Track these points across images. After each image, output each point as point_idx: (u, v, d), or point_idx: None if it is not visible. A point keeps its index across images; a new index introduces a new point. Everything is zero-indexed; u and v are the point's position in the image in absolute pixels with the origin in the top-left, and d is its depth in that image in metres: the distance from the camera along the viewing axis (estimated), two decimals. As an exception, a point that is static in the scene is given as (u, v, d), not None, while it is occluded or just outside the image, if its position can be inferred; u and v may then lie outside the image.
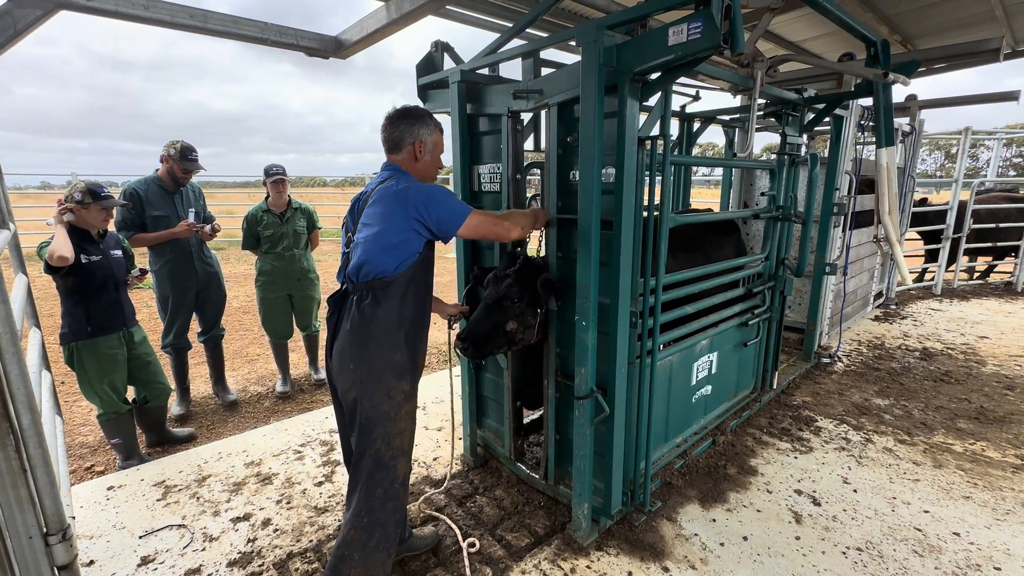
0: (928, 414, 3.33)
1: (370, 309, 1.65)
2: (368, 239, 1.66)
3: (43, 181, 23.63)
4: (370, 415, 1.67)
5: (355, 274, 1.69)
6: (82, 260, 2.53)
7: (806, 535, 2.21)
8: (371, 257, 1.65)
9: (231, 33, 1.94)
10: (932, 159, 48.15)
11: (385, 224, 1.65)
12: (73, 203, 2.53)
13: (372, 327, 1.65)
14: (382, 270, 1.65)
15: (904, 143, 5.20)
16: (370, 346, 1.65)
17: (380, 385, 1.66)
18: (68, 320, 2.57)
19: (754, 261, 3.06)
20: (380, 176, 1.81)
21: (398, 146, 1.78)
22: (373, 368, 1.65)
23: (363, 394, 1.66)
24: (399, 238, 1.65)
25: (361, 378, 1.65)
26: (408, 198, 1.65)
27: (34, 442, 1.31)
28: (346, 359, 1.67)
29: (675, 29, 1.52)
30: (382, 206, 1.67)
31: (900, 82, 2.44)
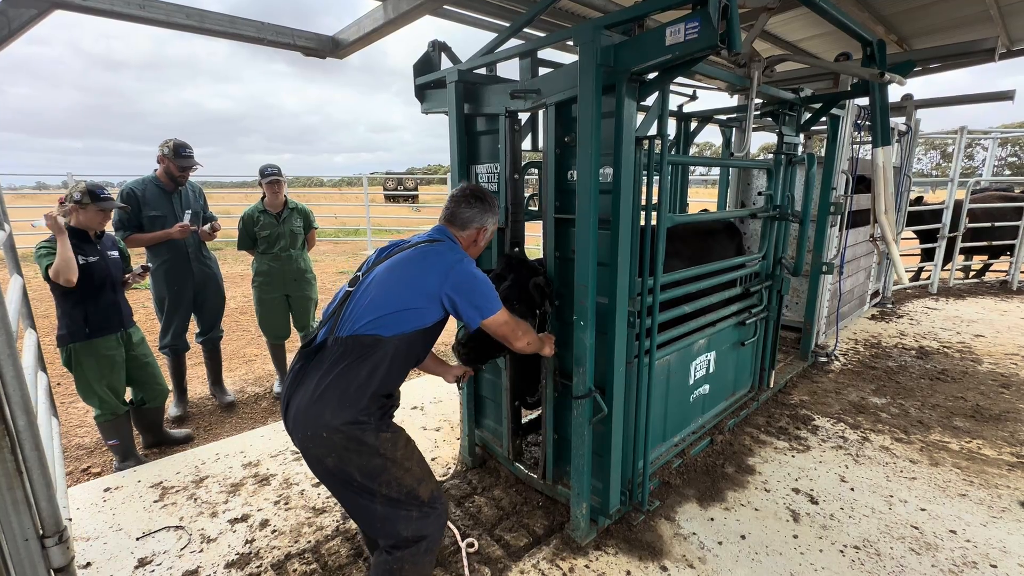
0: (924, 412, 3.35)
1: (353, 367, 1.49)
2: (387, 292, 1.55)
3: (39, 181, 23.58)
4: (365, 473, 1.50)
5: (351, 325, 1.53)
6: (79, 261, 2.51)
7: (804, 533, 2.21)
8: (379, 312, 1.52)
9: (228, 33, 1.93)
10: (928, 159, 48.38)
11: (413, 284, 1.56)
12: (72, 203, 2.52)
13: (351, 390, 1.48)
14: (382, 328, 1.52)
15: (900, 143, 5.22)
16: (345, 412, 1.47)
17: (363, 447, 1.49)
18: (65, 322, 2.55)
19: (751, 260, 3.07)
20: (428, 235, 1.74)
21: (464, 224, 1.74)
22: (355, 437, 1.48)
23: (344, 458, 1.48)
24: (419, 303, 1.55)
25: (338, 444, 1.47)
26: (452, 272, 1.57)
27: (30, 444, 1.30)
28: (317, 426, 1.46)
29: (672, 29, 1.53)
30: (420, 265, 1.59)
31: (896, 82, 2.44)
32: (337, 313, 1.58)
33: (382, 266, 1.63)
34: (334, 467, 1.50)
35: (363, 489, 1.51)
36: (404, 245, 1.71)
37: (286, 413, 1.55)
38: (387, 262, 1.63)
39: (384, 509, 1.53)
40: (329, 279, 8.39)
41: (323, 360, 1.52)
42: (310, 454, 1.51)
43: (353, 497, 1.54)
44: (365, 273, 1.64)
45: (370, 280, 1.60)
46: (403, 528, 1.54)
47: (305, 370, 1.54)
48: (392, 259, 1.63)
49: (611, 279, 1.95)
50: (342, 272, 9.08)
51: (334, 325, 1.56)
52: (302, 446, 1.52)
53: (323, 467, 1.51)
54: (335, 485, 1.55)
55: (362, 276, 1.64)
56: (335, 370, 1.49)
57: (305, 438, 1.49)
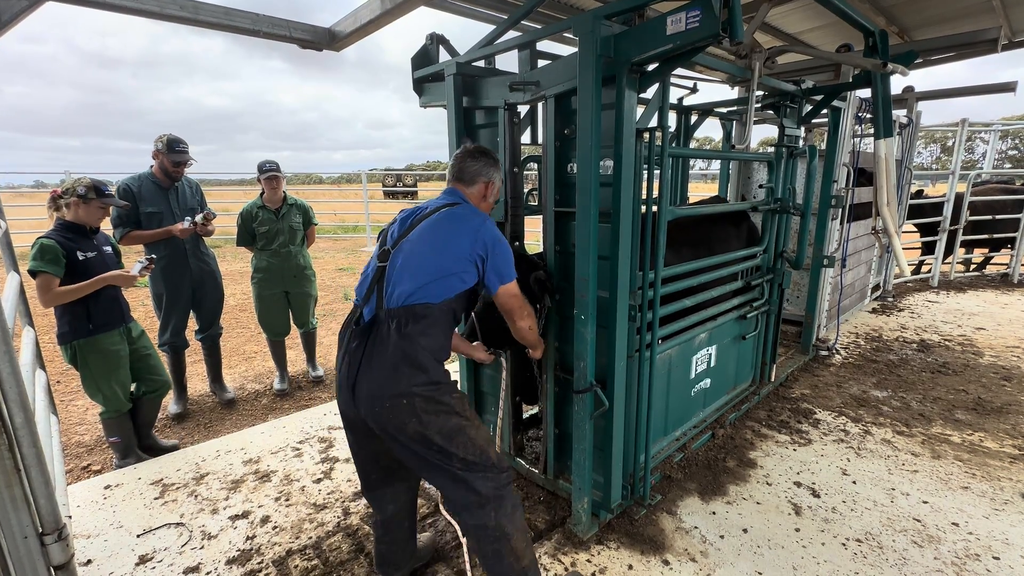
0: (926, 405, 3.34)
1: (415, 336, 1.53)
2: (423, 260, 1.58)
3: (36, 180, 23.52)
4: (444, 434, 1.55)
5: (398, 296, 1.56)
6: (79, 257, 2.50)
7: (806, 527, 2.21)
8: (422, 281, 1.56)
9: (223, 25, 1.91)
10: (928, 152, 48.23)
11: (447, 249, 1.59)
12: (75, 197, 2.50)
13: (420, 356, 1.54)
14: (430, 295, 1.56)
15: (902, 135, 5.20)
16: (420, 376, 1.54)
17: (438, 408, 1.55)
18: (67, 318, 2.53)
19: (753, 254, 3.06)
20: (443, 199, 1.75)
21: (473, 179, 1.77)
22: (433, 399, 1.55)
23: (425, 421, 1.53)
24: (458, 267, 1.59)
25: (419, 408, 1.52)
26: (480, 232, 1.62)
27: (28, 441, 1.29)
28: (397, 394, 1.51)
29: (673, 18, 1.51)
30: (448, 229, 1.61)
31: (899, 72, 2.42)
32: (377, 287, 1.62)
33: (412, 235, 1.63)
34: (414, 433, 1.53)
35: (441, 452, 1.55)
36: (423, 212, 1.70)
37: (353, 392, 1.57)
38: (415, 232, 1.64)
39: (462, 473, 1.56)
40: (328, 276, 8.37)
41: (381, 333, 1.55)
42: (391, 424, 1.53)
43: (430, 463, 1.57)
44: (395, 245, 1.64)
45: (404, 251, 1.62)
46: (481, 486, 1.57)
47: (365, 347, 1.56)
48: (419, 228, 1.64)
49: (612, 273, 1.94)
50: (342, 269, 9.06)
51: (379, 299, 1.59)
52: (380, 420, 1.54)
53: (404, 435, 1.53)
54: (414, 452, 1.56)
55: (392, 249, 1.64)
56: (399, 339, 1.53)
57: (384, 410, 1.52)
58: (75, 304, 2.51)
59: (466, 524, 1.62)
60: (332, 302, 6.68)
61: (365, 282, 1.69)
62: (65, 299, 2.47)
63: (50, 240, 2.44)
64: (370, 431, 1.65)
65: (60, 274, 2.44)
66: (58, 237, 2.47)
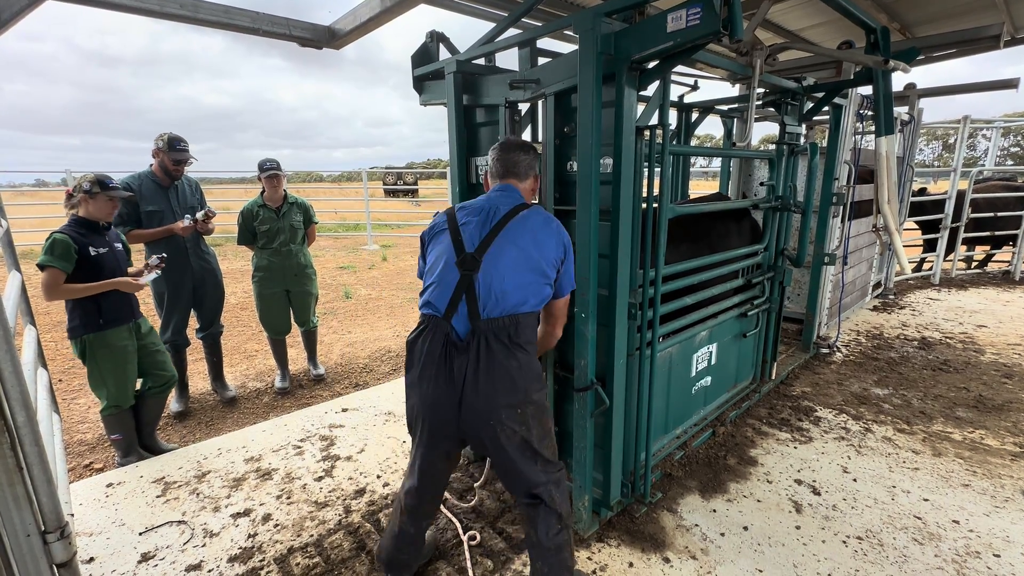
0: (927, 403, 3.34)
1: (524, 344, 1.56)
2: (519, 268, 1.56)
3: (38, 179, 23.55)
4: (539, 438, 1.62)
5: (502, 306, 1.54)
6: (90, 253, 2.53)
7: (806, 524, 2.21)
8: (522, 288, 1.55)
9: (222, 23, 1.90)
10: (930, 149, 48.11)
11: (542, 255, 1.59)
12: (82, 193, 2.53)
13: (533, 363, 1.59)
14: (530, 303, 1.57)
15: (903, 132, 5.18)
16: (535, 384, 1.59)
17: (542, 413, 1.63)
18: (78, 313, 2.56)
19: (754, 251, 3.05)
20: (507, 198, 1.69)
21: (526, 173, 1.75)
22: (540, 404, 1.62)
23: (531, 427, 1.59)
24: (551, 272, 1.62)
25: (529, 415, 1.58)
26: (562, 235, 1.65)
27: (29, 440, 1.29)
28: (513, 403, 1.54)
29: (674, 15, 1.50)
30: (539, 234, 1.61)
31: (901, 69, 2.42)
32: (467, 297, 1.55)
33: (501, 241, 1.59)
34: (520, 441, 1.57)
35: (533, 455, 1.60)
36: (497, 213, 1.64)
37: (459, 409, 1.55)
38: (503, 237, 1.59)
39: (543, 473, 1.63)
40: (329, 274, 8.38)
41: (486, 345, 1.52)
42: (503, 435, 1.55)
43: (519, 465, 1.60)
44: (479, 251, 1.58)
45: (496, 258, 1.56)
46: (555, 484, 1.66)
47: (469, 362, 1.52)
48: (507, 233, 1.59)
49: (611, 271, 1.94)
50: (342, 267, 9.07)
51: (472, 309, 1.54)
52: (491, 432, 1.54)
53: (511, 444, 1.56)
54: (509, 458, 1.59)
55: (478, 256, 1.57)
56: (513, 350, 1.53)
57: (498, 422, 1.53)
58: (86, 299, 2.55)
59: (535, 514, 1.65)
60: (332, 300, 6.69)
61: (446, 292, 1.58)
62: (69, 296, 2.49)
63: (63, 235, 2.47)
64: (459, 442, 1.67)
65: (68, 270, 2.46)
66: (71, 232, 2.51)
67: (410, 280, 7.99)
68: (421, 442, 1.68)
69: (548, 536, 1.64)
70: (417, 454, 1.72)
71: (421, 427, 1.66)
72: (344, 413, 3.34)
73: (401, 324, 5.65)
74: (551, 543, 1.64)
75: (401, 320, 5.81)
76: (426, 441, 1.67)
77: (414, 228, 13.55)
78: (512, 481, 1.67)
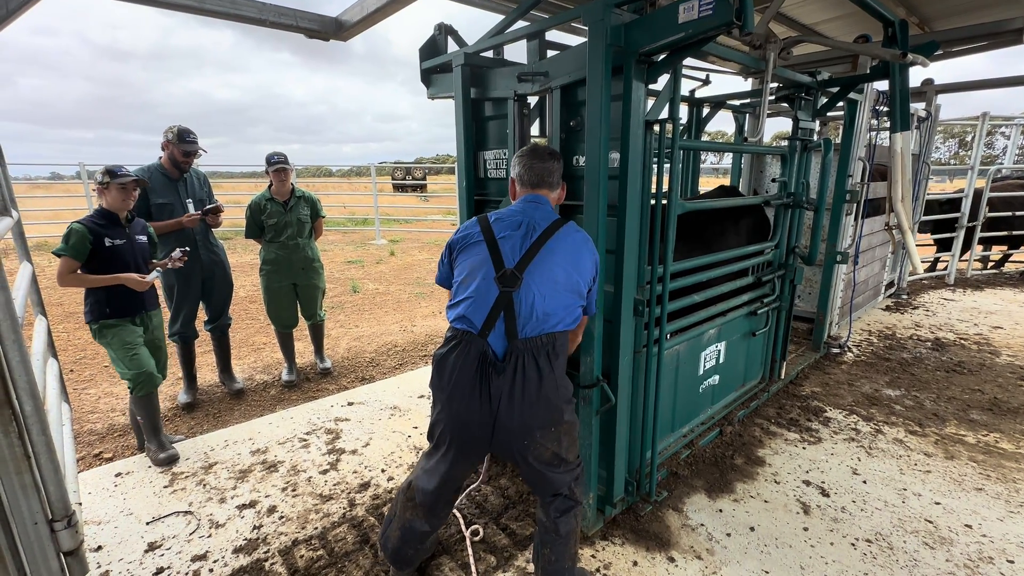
0: (940, 405, 3.28)
1: (560, 364, 1.57)
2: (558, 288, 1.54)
3: (52, 172, 23.88)
4: (567, 446, 1.64)
5: (542, 326, 1.52)
6: (106, 243, 2.56)
7: (814, 526, 2.18)
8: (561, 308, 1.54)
9: (228, 14, 1.89)
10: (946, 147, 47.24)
11: (579, 275, 1.59)
12: (98, 185, 2.58)
13: (567, 382, 1.62)
14: (567, 322, 1.57)
15: (919, 129, 5.08)
16: (569, 404, 1.62)
17: (573, 427, 1.67)
18: (90, 301, 2.61)
19: (764, 249, 3.01)
20: (542, 210, 1.64)
21: (557, 183, 1.73)
22: (572, 420, 1.65)
23: (563, 441, 1.62)
24: (584, 291, 1.62)
25: (563, 432, 1.61)
26: (595, 255, 1.65)
27: (37, 429, 1.30)
28: (549, 422, 1.56)
29: (686, 6, 1.47)
30: (577, 253, 1.60)
31: (919, 63, 2.36)
32: (506, 315, 1.50)
33: (542, 259, 1.54)
34: (551, 456, 1.59)
35: (559, 463, 1.63)
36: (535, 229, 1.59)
37: (492, 428, 1.54)
38: (544, 254, 1.55)
39: (565, 474, 1.65)
40: (337, 268, 8.41)
41: (523, 366, 1.50)
42: (535, 452, 1.57)
43: (547, 470, 1.62)
44: (520, 268, 1.53)
45: (538, 276, 1.52)
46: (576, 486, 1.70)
47: (505, 382, 1.50)
48: (548, 250, 1.55)
49: (617, 267, 1.91)
50: (350, 261, 9.10)
51: (510, 328, 1.50)
52: (524, 450, 1.56)
53: (542, 460, 1.59)
54: (538, 468, 1.61)
55: (518, 272, 1.52)
56: (550, 371, 1.53)
57: (533, 441, 1.55)
58: (97, 289, 2.60)
59: (553, 519, 1.67)
60: (340, 294, 6.71)
61: (483, 308, 1.52)
62: (79, 285, 2.55)
63: (80, 225, 2.52)
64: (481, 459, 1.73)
65: (80, 259, 2.52)
66: (89, 223, 2.56)
67: (417, 275, 8.00)
68: (446, 457, 1.66)
69: (561, 524, 1.67)
70: (441, 463, 1.67)
71: (449, 442, 1.64)
72: (350, 407, 3.35)
73: (408, 319, 5.66)
74: (563, 530, 1.67)
75: (408, 315, 5.82)
76: (452, 457, 1.65)
77: (422, 224, 13.55)
78: (537, 486, 1.69)
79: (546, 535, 1.71)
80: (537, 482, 1.67)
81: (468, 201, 2.51)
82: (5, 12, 1.21)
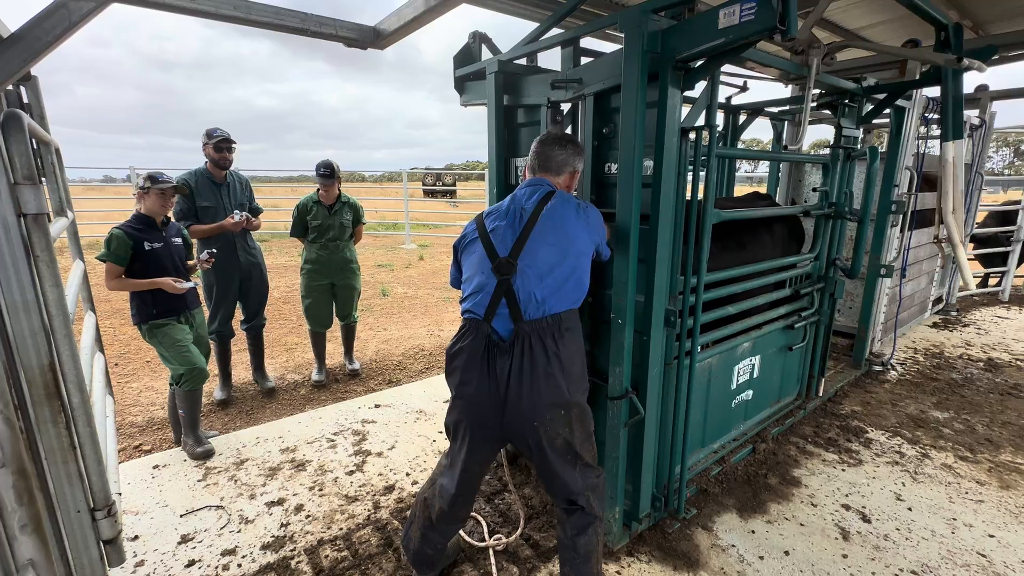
0: (994, 430, 3.08)
1: (568, 344, 1.56)
2: (553, 266, 1.55)
3: (105, 175, 25.24)
4: (580, 440, 1.63)
5: (540, 307, 1.54)
6: (145, 247, 2.68)
7: (854, 553, 2.07)
8: (558, 287, 1.55)
9: (273, 24, 1.97)
10: (999, 156, 44.81)
11: (572, 248, 1.58)
12: (139, 190, 2.71)
13: (576, 364, 1.59)
14: (569, 300, 1.57)
15: (973, 137, 4.83)
16: (578, 385, 1.60)
17: (585, 416, 1.65)
18: (136, 303, 2.73)
19: (803, 261, 2.90)
20: (535, 191, 1.67)
21: (560, 168, 1.72)
22: (583, 406, 1.63)
23: (574, 429, 1.60)
24: (585, 263, 1.61)
25: (573, 417, 1.59)
26: (588, 220, 1.65)
27: (83, 420, 1.36)
28: (557, 405, 1.55)
29: (726, 11, 1.44)
30: (565, 227, 1.59)
31: (976, 68, 2.24)
32: (508, 300, 1.55)
33: (531, 242, 1.57)
34: (562, 444, 1.58)
35: (574, 458, 1.61)
36: (525, 212, 1.63)
37: (503, 409, 1.55)
38: (533, 237, 1.57)
39: (581, 477, 1.63)
40: (368, 272, 8.56)
41: (531, 347, 1.52)
42: (545, 436, 1.56)
43: (558, 467, 1.60)
44: (512, 254, 1.57)
45: (529, 259, 1.56)
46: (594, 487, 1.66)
47: (512, 363, 1.52)
48: (536, 232, 1.58)
49: (648, 277, 1.87)
50: (381, 265, 9.25)
51: (514, 312, 1.54)
52: (535, 433, 1.55)
53: (552, 446, 1.57)
54: (549, 460, 1.60)
55: (512, 259, 1.57)
56: (556, 350, 1.53)
57: (543, 422, 1.54)
58: (141, 292, 2.71)
59: (571, 536, 1.64)
60: (369, 297, 6.83)
61: (485, 298, 1.58)
62: (124, 289, 2.67)
63: (119, 231, 2.64)
64: (500, 445, 1.68)
65: (123, 264, 2.63)
66: (128, 228, 2.67)
67: (444, 280, 8.07)
68: (463, 445, 1.67)
69: (581, 541, 1.63)
70: (458, 457, 1.70)
71: (464, 429, 1.65)
72: (377, 409, 3.39)
73: (435, 323, 5.70)
74: (583, 548, 1.63)
75: (435, 319, 5.86)
76: (468, 444, 1.66)
77: (451, 229, 13.70)
78: (552, 483, 1.66)
79: (565, 553, 1.66)
80: (549, 475, 1.63)
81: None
82: (68, 24, 1.28)
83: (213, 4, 1.80)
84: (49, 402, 1.25)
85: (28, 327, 1.20)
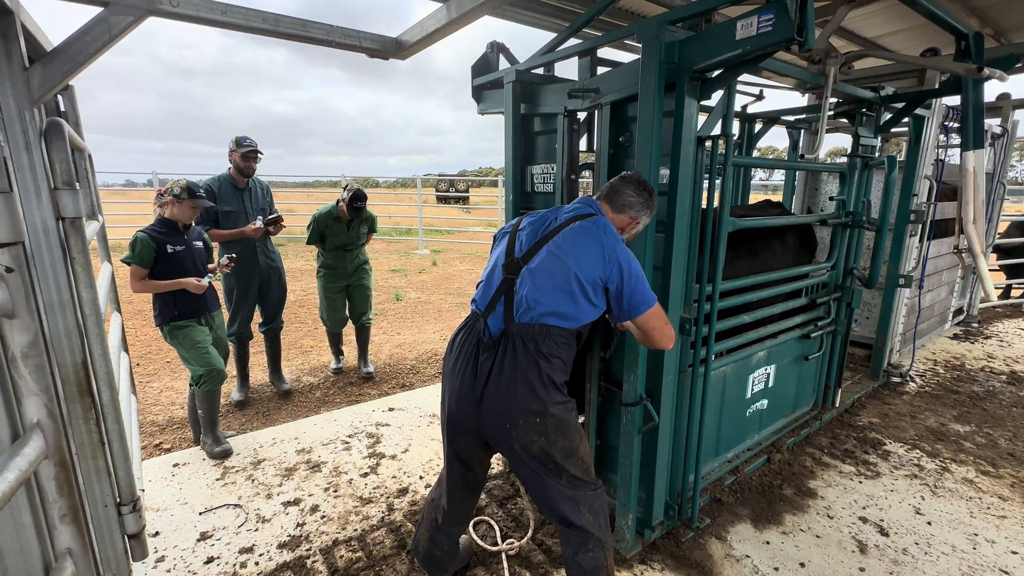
0: (1017, 444, 3.01)
1: (550, 355, 1.52)
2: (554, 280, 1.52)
3: (127, 179, 25.86)
4: (564, 453, 1.55)
5: (532, 313, 1.52)
6: (168, 250, 2.75)
7: (872, 567, 2.04)
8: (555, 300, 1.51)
9: (299, 36, 2.03)
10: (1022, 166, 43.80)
11: (579, 269, 1.51)
12: (171, 196, 2.76)
13: (556, 375, 1.53)
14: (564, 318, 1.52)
15: (994, 146, 4.75)
16: (556, 395, 1.53)
17: (564, 427, 1.56)
18: (159, 305, 2.80)
19: (819, 270, 2.88)
20: (579, 209, 1.66)
21: (622, 207, 1.64)
22: (561, 419, 1.54)
23: (552, 439, 1.53)
24: (588, 290, 1.53)
25: (549, 427, 1.52)
26: (609, 254, 1.52)
27: (112, 417, 1.40)
28: (530, 411, 1.50)
29: (744, 22, 1.45)
30: (578, 246, 1.53)
31: (997, 77, 2.22)
32: (505, 298, 1.57)
33: (544, 250, 1.56)
34: (539, 451, 1.53)
35: (557, 469, 1.56)
36: (555, 223, 1.62)
37: (479, 404, 1.54)
38: (548, 246, 1.56)
39: (569, 489, 1.58)
40: (382, 277, 8.65)
41: (515, 348, 1.51)
42: (518, 441, 1.52)
43: (542, 479, 1.57)
44: (525, 257, 1.58)
45: (535, 266, 1.55)
46: (584, 501, 1.59)
47: (495, 360, 1.53)
48: (552, 242, 1.57)
49: (663, 284, 1.88)
50: (394, 270, 9.34)
51: (508, 311, 1.55)
52: (507, 435, 1.52)
53: (527, 452, 1.53)
54: (530, 469, 1.57)
55: (523, 261, 1.58)
56: (537, 357, 1.51)
57: (515, 426, 1.51)
58: (164, 294, 2.78)
59: (571, 554, 1.62)
60: (384, 302, 6.90)
61: (488, 291, 1.62)
62: (148, 291, 2.73)
63: (144, 234, 2.71)
64: (481, 442, 1.63)
65: (147, 267, 2.70)
66: (151, 231, 2.74)
67: (457, 286, 8.11)
68: (445, 437, 1.70)
69: (583, 559, 1.60)
70: (445, 451, 1.74)
71: (445, 421, 1.67)
72: (391, 412, 3.42)
73: (448, 328, 5.74)
74: (588, 565, 1.60)
75: (448, 324, 5.90)
76: (447, 435, 1.68)
77: (464, 235, 13.78)
78: (538, 497, 1.62)
79: (569, 569, 1.63)
80: (533, 487, 1.60)
81: (515, 214, 2.54)
82: (108, 37, 1.34)
83: (244, 17, 1.86)
84: (81, 399, 1.30)
85: (63, 326, 1.25)
